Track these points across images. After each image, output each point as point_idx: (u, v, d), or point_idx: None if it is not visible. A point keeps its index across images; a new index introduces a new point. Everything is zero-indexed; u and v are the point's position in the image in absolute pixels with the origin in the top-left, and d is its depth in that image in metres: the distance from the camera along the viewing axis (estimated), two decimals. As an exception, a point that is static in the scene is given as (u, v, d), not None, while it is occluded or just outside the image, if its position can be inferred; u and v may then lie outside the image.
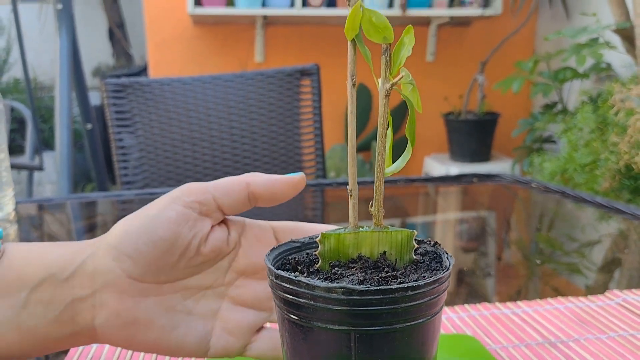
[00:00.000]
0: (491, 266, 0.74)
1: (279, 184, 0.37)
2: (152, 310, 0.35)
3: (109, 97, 1.41)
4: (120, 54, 4.11)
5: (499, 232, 0.92)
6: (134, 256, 0.34)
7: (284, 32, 2.67)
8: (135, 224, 0.35)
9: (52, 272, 0.34)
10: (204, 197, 0.36)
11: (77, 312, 0.34)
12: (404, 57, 0.30)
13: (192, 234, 0.35)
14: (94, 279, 0.35)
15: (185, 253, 0.35)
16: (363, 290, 0.27)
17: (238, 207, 0.37)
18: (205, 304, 0.37)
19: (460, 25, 2.77)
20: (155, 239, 0.34)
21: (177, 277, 0.36)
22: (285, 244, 0.35)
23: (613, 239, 0.84)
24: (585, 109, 1.42)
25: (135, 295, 0.35)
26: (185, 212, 0.35)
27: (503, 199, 1.11)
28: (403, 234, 0.32)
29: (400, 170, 0.33)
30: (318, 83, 1.53)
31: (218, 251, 0.37)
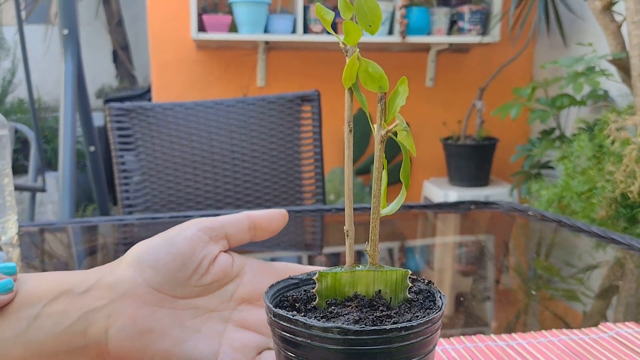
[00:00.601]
0: (487, 294, 0.75)
1: (272, 213, 0.43)
2: (166, 320, 0.37)
3: (112, 120, 1.43)
4: (124, 75, 4.15)
5: (495, 260, 0.93)
6: (155, 266, 0.37)
7: (285, 57, 2.70)
8: (156, 241, 0.39)
9: (69, 288, 0.36)
10: (214, 224, 0.41)
11: (90, 324, 0.35)
12: (399, 106, 0.31)
13: (204, 253, 0.39)
14: (113, 290, 0.36)
15: (198, 269, 0.39)
16: (358, 330, 0.28)
17: (240, 237, 0.42)
18: (211, 325, 0.40)
19: (459, 51, 2.81)
20: (174, 251, 0.38)
21: (189, 294, 0.39)
22: (284, 280, 0.36)
23: (608, 269, 0.85)
24: (582, 137, 1.44)
25: (152, 304, 0.37)
26: (199, 234, 0.40)
27: (500, 226, 1.12)
28: (398, 273, 0.34)
29: (401, 188, 0.34)
30: (318, 109, 1.56)
31: (224, 273, 0.40)
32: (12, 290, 0.35)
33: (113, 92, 4.03)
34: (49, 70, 3.97)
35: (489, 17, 2.57)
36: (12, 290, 0.35)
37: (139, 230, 1.05)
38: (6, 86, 3.98)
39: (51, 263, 0.88)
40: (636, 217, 1.22)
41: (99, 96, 4.05)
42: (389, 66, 3.13)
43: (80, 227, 1.08)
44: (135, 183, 1.43)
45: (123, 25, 4.15)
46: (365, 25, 0.31)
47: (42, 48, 3.91)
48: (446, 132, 2.74)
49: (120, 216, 1.13)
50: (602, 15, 1.58)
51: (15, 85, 4.04)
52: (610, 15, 1.60)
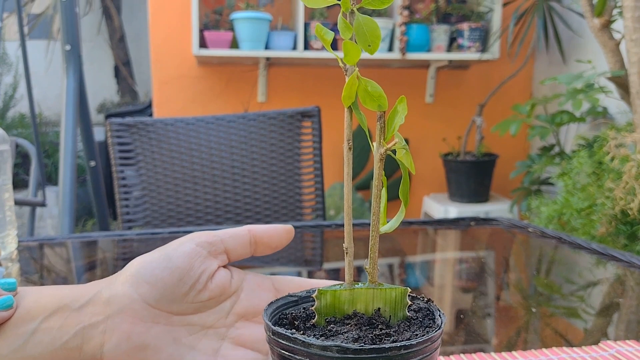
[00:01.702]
0: (488, 311, 0.75)
1: (275, 229, 0.42)
2: (161, 337, 0.37)
3: (113, 135, 1.43)
4: (125, 91, 4.17)
5: (496, 277, 0.92)
6: (151, 281, 0.37)
7: (286, 73, 2.72)
8: (154, 255, 0.38)
9: (66, 303, 0.36)
10: (213, 239, 0.40)
11: (86, 340, 0.35)
12: (398, 124, 0.32)
13: (202, 269, 0.39)
14: (109, 305, 0.36)
15: (196, 285, 0.38)
16: (357, 349, 0.28)
17: (241, 252, 0.41)
18: (207, 342, 0.39)
19: (459, 68, 2.83)
20: (172, 266, 0.38)
21: (185, 311, 0.38)
22: (283, 298, 0.36)
23: (609, 286, 0.85)
24: (581, 154, 1.45)
25: (147, 320, 0.37)
26: (197, 249, 0.39)
27: (500, 243, 1.12)
28: (397, 292, 0.34)
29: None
30: (319, 124, 1.56)
31: (222, 289, 0.39)
32: (12, 307, 0.36)
33: (114, 107, 4.05)
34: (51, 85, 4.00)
35: (489, 34, 2.59)
36: (12, 307, 0.35)
37: (138, 246, 1.05)
38: (8, 101, 4.00)
39: (50, 278, 0.88)
40: (636, 234, 1.22)
41: (100, 111, 4.06)
42: (389, 82, 3.17)
43: (79, 242, 1.08)
44: (135, 198, 1.43)
45: (125, 41, 4.18)
46: (365, 45, 0.31)
47: (44, 63, 3.93)
48: (446, 148, 2.75)
49: (120, 231, 1.13)
50: (601, 33, 1.60)
51: (17, 100, 4.06)
52: (608, 33, 1.62)
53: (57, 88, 3.85)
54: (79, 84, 1.80)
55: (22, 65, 2.20)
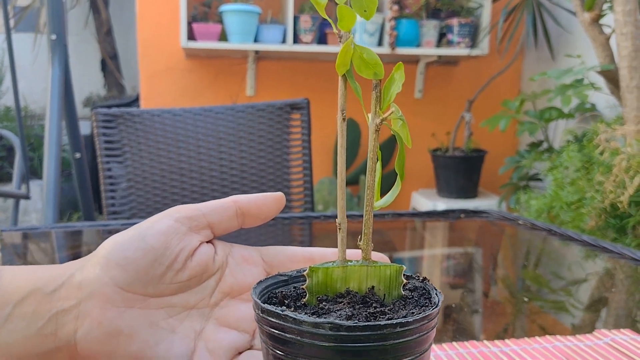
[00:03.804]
0: (478, 303, 0.74)
1: (264, 198, 0.39)
2: (135, 322, 0.35)
3: (98, 126, 1.41)
4: (112, 84, 4.13)
5: (486, 269, 0.92)
6: (122, 264, 0.34)
7: (275, 67, 2.70)
8: (126, 235, 0.36)
9: (38, 287, 0.34)
10: (194, 213, 0.37)
11: (60, 325, 0.34)
12: (394, 93, 0.30)
13: (180, 247, 0.36)
14: (81, 289, 0.34)
15: (173, 265, 0.36)
16: (351, 326, 0.27)
17: (227, 225, 0.38)
18: (189, 324, 0.37)
19: (448, 64, 2.82)
20: (144, 247, 0.35)
21: (163, 292, 0.36)
22: (273, 277, 0.35)
23: (600, 277, 0.85)
24: (571, 148, 1.44)
25: (119, 305, 0.34)
26: (175, 225, 0.36)
27: (490, 235, 1.11)
28: (392, 269, 0.32)
29: (389, 205, 0.33)
30: (308, 117, 1.55)
31: (204, 267, 0.37)
32: None
33: (101, 101, 4.01)
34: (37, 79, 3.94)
35: (478, 30, 2.59)
36: None
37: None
38: (-8, 94, 3.94)
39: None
40: (625, 227, 1.22)
41: (87, 105, 4.02)
42: (379, 77, 3.16)
43: (63, 232, 1.05)
44: (122, 189, 1.41)
45: (112, 34, 4.13)
46: (360, 10, 0.30)
47: (31, 57, 3.88)
48: (435, 143, 2.75)
49: (105, 221, 1.10)
50: (591, 28, 1.60)
51: (2, 92, 4.01)
52: (598, 27, 1.61)
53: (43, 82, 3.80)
54: (65, 74, 1.77)
55: (7, 58, 2.16)
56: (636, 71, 1.41)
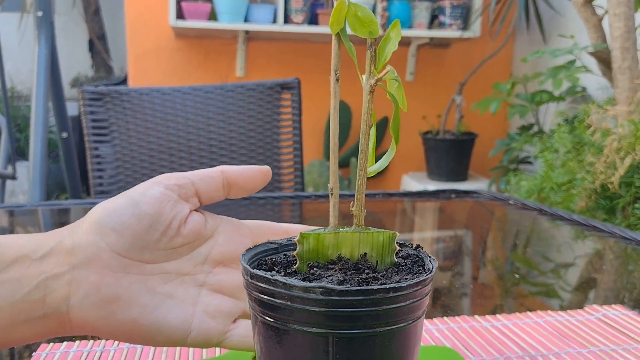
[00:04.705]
0: (469, 283, 0.74)
1: (249, 170, 0.39)
2: (133, 287, 0.34)
3: (85, 104, 1.38)
4: (100, 65, 4.07)
5: (477, 249, 0.91)
6: (119, 229, 0.34)
7: (265, 48, 2.67)
8: (118, 201, 0.35)
9: (25, 253, 0.33)
10: (183, 181, 0.37)
11: (49, 292, 0.33)
12: (390, 52, 0.29)
13: (174, 214, 0.36)
14: (73, 255, 0.33)
15: (167, 231, 0.35)
16: (343, 291, 0.26)
17: (213, 195, 0.38)
18: (184, 290, 0.37)
19: (440, 46, 2.81)
20: (139, 212, 0.35)
21: (158, 258, 0.36)
22: (262, 244, 0.34)
23: (590, 256, 0.85)
24: (562, 129, 1.44)
25: (117, 270, 0.34)
26: (166, 192, 0.36)
27: (481, 215, 1.10)
28: (385, 235, 0.31)
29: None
30: (298, 97, 1.53)
31: (197, 234, 0.37)
32: None
33: (88, 81, 3.95)
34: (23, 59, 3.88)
35: (470, 12, 2.57)
36: None
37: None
38: (-23, 74, 3.87)
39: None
40: (615, 208, 1.22)
41: (74, 85, 3.96)
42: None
43: (50, 210, 1.04)
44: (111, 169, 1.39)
45: (100, 14, 4.06)
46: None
47: (17, 37, 3.81)
48: (426, 126, 2.74)
49: (92, 199, 1.09)
50: (584, 9, 1.59)
51: (-13, 73, 3.93)
52: (591, 8, 1.60)
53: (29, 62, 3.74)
54: (51, 52, 1.74)
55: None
56: (628, 52, 1.40)
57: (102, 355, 0.46)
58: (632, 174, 1.16)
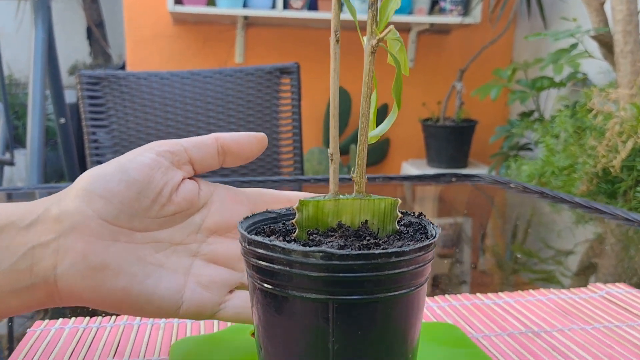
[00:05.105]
0: (470, 264, 0.73)
1: (245, 137, 0.38)
2: (122, 256, 0.33)
3: (83, 89, 1.37)
4: (98, 53, 4.05)
5: (477, 231, 0.91)
6: (106, 196, 0.33)
7: (264, 34, 2.65)
8: (106, 168, 0.34)
9: (12, 221, 0.32)
10: (176, 147, 0.36)
11: (36, 261, 0.32)
12: (392, 11, 0.28)
13: (165, 180, 0.35)
14: (60, 223, 0.32)
15: (158, 199, 0.34)
16: (343, 255, 0.25)
17: (208, 162, 0.37)
18: (177, 260, 0.36)
19: (440, 32, 2.79)
20: (128, 179, 0.33)
21: (148, 226, 0.35)
22: (260, 214, 0.33)
23: (593, 238, 0.84)
24: (564, 114, 1.43)
25: (105, 238, 0.33)
26: (158, 159, 0.35)
27: (482, 198, 1.10)
28: (386, 202, 0.30)
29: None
30: (298, 82, 1.52)
31: (190, 202, 0.36)
32: None
33: (86, 69, 3.93)
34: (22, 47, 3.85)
35: (471, -3, 2.55)
36: None
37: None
38: (-25, 61, 3.85)
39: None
40: (617, 192, 1.21)
41: (72, 73, 3.94)
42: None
43: (47, 193, 1.03)
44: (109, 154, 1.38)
45: (98, 2, 4.03)
46: None
47: (14, 24, 3.78)
48: (426, 113, 2.73)
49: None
50: (586, -8, 1.57)
51: (-15, 60, 3.91)
52: (593, -8, 1.59)
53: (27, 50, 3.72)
54: (48, 35, 1.72)
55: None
56: (630, 35, 1.39)
57: (98, 332, 0.45)
58: (634, 158, 1.16)
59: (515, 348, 0.43)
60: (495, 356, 0.42)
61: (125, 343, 0.43)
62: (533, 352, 0.43)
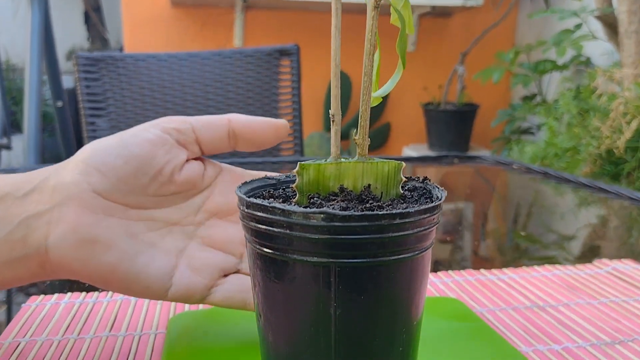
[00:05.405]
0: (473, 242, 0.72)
1: (261, 123, 0.36)
2: (113, 231, 0.32)
3: (80, 71, 1.35)
4: (95, 38, 4.02)
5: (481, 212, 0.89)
6: (102, 169, 0.32)
7: (263, 17, 2.62)
8: (108, 141, 0.33)
9: (8, 191, 0.31)
10: (183, 126, 0.34)
11: (30, 231, 0.31)
12: (396, -38, 0.27)
13: (167, 159, 0.33)
14: (55, 193, 0.32)
15: (158, 177, 0.33)
16: (346, 216, 0.24)
17: (217, 144, 0.35)
18: (171, 240, 0.35)
19: (442, 15, 2.76)
20: (128, 154, 0.32)
21: (145, 204, 0.34)
22: (260, 180, 0.32)
23: (597, 217, 0.83)
24: (567, 95, 1.41)
25: (97, 212, 0.32)
26: (162, 136, 0.34)
27: (484, 179, 1.09)
28: (390, 166, 0.29)
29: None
30: (298, 63, 1.50)
31: (192, 184, 0.35)
32: None
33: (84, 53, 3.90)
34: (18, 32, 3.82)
35: (473, -20, 2.52)
36: None
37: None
38: (-28, 46, 3.82)
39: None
40: (620, 173, 1.20)
41: (69, 58, 3.91)
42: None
43: (44, 175, 1.02)
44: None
45: (95, -15, 3.99)
46: None
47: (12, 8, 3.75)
48: (427, 97, 2.70)
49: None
50: (590, -28, 1.54)
51: (-18, 46, 3.88)
52: (597, -28, 1.56)
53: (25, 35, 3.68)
54: (45, 20, 1.70)
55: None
56: (635, 15, 1.37)
57: (94, 307, 0.44)
58: (638, 139, 1.14)
59: (521, 322, 0.42)
60: (501, 330, 0.41)
61: (123, 317, 0.42)
62: (539, 325, 0.42)
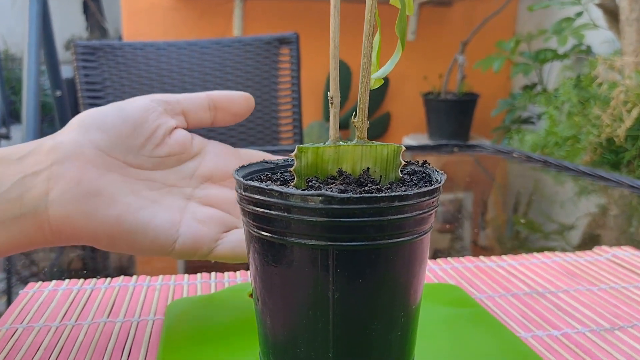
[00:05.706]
0: (473, 230, 0.72)
1: (234, 93, 0.40)
2: (116, 185, 0.33)
3: (78, 59, 1.35)
4: (94, 27, 4.00)
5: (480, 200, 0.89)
6: (103, 128, 0.34)
7: (263, 7, 2.61)
8: (104, 107, 0.35)
9: (3, 156, 0.32)
10: (169, 98, 0.38)
11: (26, 189, 0.31)
12: (396, -59, 0.26)
13: (158, 123, 0.36)
14: (52, 153, 0.32)
15: (152, 138, 0.35)
16: (344, 199, 0.24)
17: (200, 116, 0.38)
18: (172, 199, 0.36)
19: (442, 4, 2.74)
20: (124, 115, 0.35)
21: (143, 164, 0.35)
22: (257, 163, 0.31)
23: (597, 204, 0.83)
24: (568, 84, 1.41)
25: (100, 167, 0.33)
26: (152, 104, 0.36)
27: (484, 168, 1.08)
28: (389, 149, 0.29)
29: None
30: (297, 52, 1.49)
31: (183, 147, 0.37)
32: None
33: (83, 44, 3.89)
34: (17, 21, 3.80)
35: (473, -32, 2.50)
36: None
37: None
38: (-30, 36, 3.80)
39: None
40: (621, 162, 1.20)
41: (68, 48, 3.89)
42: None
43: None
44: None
45: (94, -26, 3.97)
46: None
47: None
48: (427, 86, 2.70)
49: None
50: (591, -40, 1.53)
51: (-19, 35, 3.87)
52: (599, -40, 1.55)
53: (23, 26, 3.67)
54: (43, 9, 1.69)
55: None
56: (636, 3, 1.36)
57: (92, 293, 0.44)
58: (639, 127, 1.14)
59: (520, 308, 0.42)
60: (500, 316, 0.41)
61: (121, 304, 0.42)
62: (538, 311, 0.42)
